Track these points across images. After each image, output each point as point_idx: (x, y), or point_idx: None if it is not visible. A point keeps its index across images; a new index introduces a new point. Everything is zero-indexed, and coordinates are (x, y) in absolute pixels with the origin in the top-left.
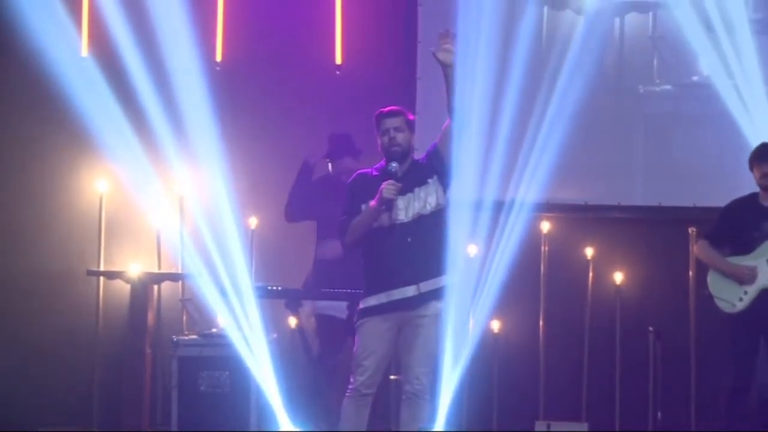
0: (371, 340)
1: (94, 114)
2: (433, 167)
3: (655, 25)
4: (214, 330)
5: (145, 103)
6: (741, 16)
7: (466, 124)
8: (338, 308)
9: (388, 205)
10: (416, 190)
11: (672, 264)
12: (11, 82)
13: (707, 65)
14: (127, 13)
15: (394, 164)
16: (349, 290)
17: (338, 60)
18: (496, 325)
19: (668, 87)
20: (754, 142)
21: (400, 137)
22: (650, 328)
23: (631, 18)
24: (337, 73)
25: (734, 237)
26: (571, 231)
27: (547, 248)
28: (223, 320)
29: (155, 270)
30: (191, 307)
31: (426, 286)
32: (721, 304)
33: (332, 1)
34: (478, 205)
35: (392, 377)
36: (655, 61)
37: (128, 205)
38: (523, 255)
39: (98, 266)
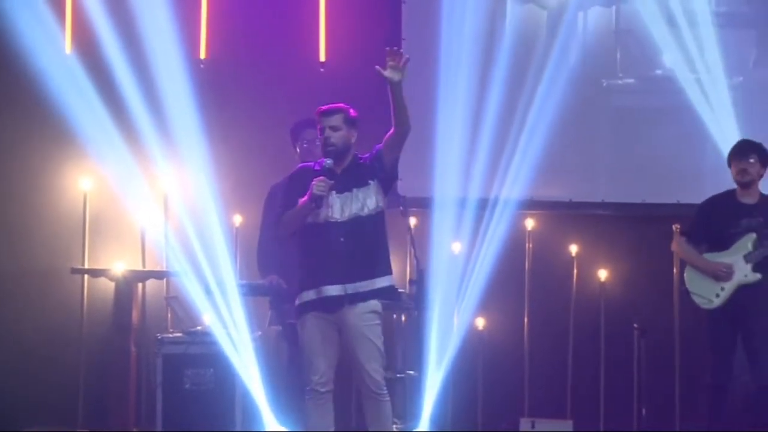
0: (313, 338)
1: (78, 111)
2: (375, 171)
3: (619, 18)
4: (198, 328)
5: (129, 100)
6: (704, 9)
7: (407, 133)
8: None
9: (318, 201)
10: (354, 190)
11: (656, 261)
12: None
13: (670, 59)
14: (111, 9)
15: (329, 161)
16: None
17: (322, 57)
18: (480, 323)
19: (631, 80)
20: (717, 136)
21: (336, 136)
22: (635, 325)
23: (595, 12)
24: (321, 70)
25: (711, 233)
26: (555, 228)
27: (531, 245)
28: (207, 318)
29: (139, 268)
30: (176, 305)
31: (354, 287)
32: (698, 300)
33: (316, 1)
34: (462, 203)
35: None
36: (619, 55)
37: (112, 203)
38: (507, 252)
39: (82, 264)
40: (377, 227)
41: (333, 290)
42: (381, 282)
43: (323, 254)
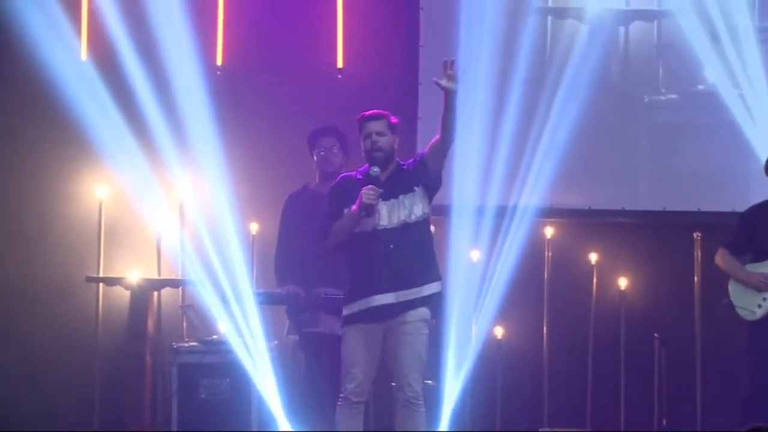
0: (356, 347)
1: (94, 119)
2: (419, 177)
3: (660, 33)
4: (214, 337)
5: (145, 107)
6: (747, 24)
7: (453, 140)
8: (328, 324)
9: (369, 210)
10: (401, 197)
11: (677, 269)
12: (10, 86)
13: (713, 74)
14: (127, 16)
15: (375, 169)
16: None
17: (340, 64)
18: (499, 332)
19: (674, 96)
20: (760, 151)
21: (382, 141)
22: (655, 335)
23: (636, 26)
24: (339, 77)
25: (754, 243)
26: (574, 236)
27: (550, 254)
28: (223, 327)
29: (155, 276)
30: (191, 314)
31: (406, 294)
32: (742, 313)
33: (333, 5)
34: (480, 210)
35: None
36: (661, 70)
37: (128, 210)
38: (526, 260)
39: (98, 272)
40: (424, 233)
41: (385, 298)
42: (430, 288)
43: (373, 262)
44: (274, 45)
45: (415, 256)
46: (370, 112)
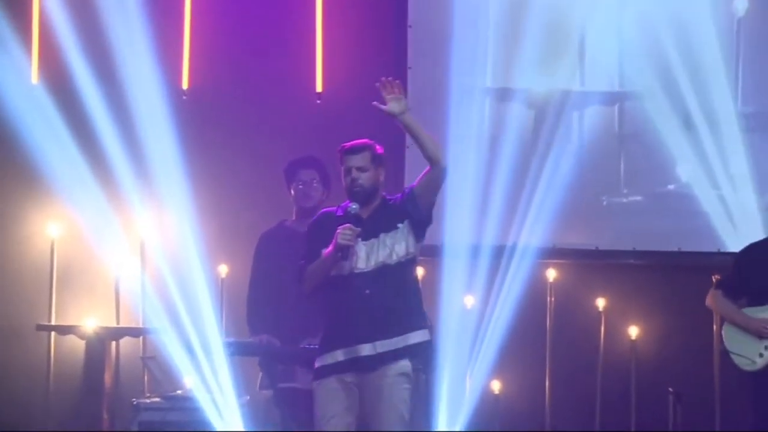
0: (329, 403)
1: (45, 148)
2: (406, 212)
3: (623, 120)
4: (179, 392)
5: (103, 135)
6: (728, 110)
7: (444, 170)
8: (306, 379)
9: (345, 252)
10: (382, 235)
11: (693, 317)
12: None
13: (686, 171)
14: (82, 34)
15: (354, 206)
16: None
17: (319, 87)
18: (496, 386)
19: (638, 198)
20: None
21: (364, 178)
22: (670, 389)
23: (593, 112)
24: (318, 102)
25: (752, 285)
26: (580, 279)
27: (553, 299)
28: (189, 381)
29: (113, 324)
30: (154, 367)
31: (385, 345)
32: (739, 361)
33: (312, 24)
34: (475, 251)
35: None
36: (622, 166)
37: (83, 250)
38: (526, 306)
39: (49, 320)
40: (408, 275)
41: (362, 350)
42: (414, 337)
43: (349, 310)
44: (247, 66)
45: (396, 301)
46: (351, 143)
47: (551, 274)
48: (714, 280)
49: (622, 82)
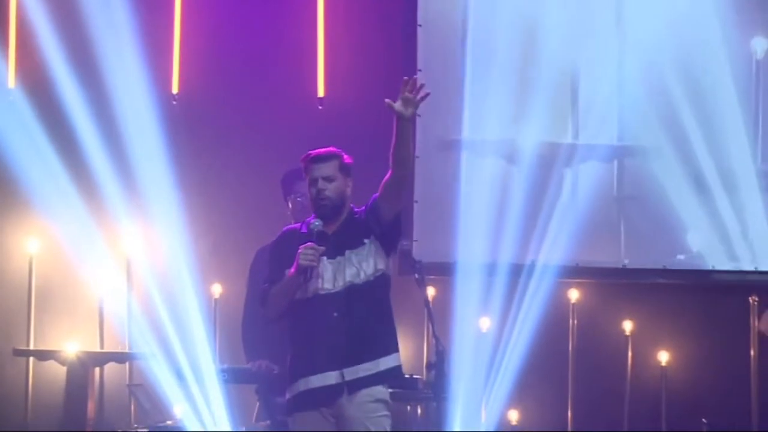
0: None
1: (23, 156)
2: (370, 227)
3: (622, 179)
4: (168, 422)
5: (86, 143)
6: (747, 168)
7: (407, 177)
8: None
9: (306, 273)
10: (347, 253)
11: (729, 342)
12: None
13: (696, 242)
14: (63, 34)
15: (316, 222)
16: None
17: (321, 92)
18: (514, 416)
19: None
20: None
21: (331, 189)
22: (703, 420)
23: (589, 169)
24: (320, 107)
25: None
26: (605, 300)
27: (576, 322)
28: (180, 411)
29: (97, 349)
30: (141, 395)
31: (354, 372)
32: None
33: (313, 24)
34: (491, 269)
35: None
36: (622, 237)
37: (64, 268)
38: (546, 330)
39: (27, 344)
40: (378, 295)
41: (328, 378)
42: (386, 362)
43: (314, 335)
44: (242, 69)
45: (367, 324)
46: (317, 152)
47: (574, 294)
48: (751, 300)
49: (621, 135)
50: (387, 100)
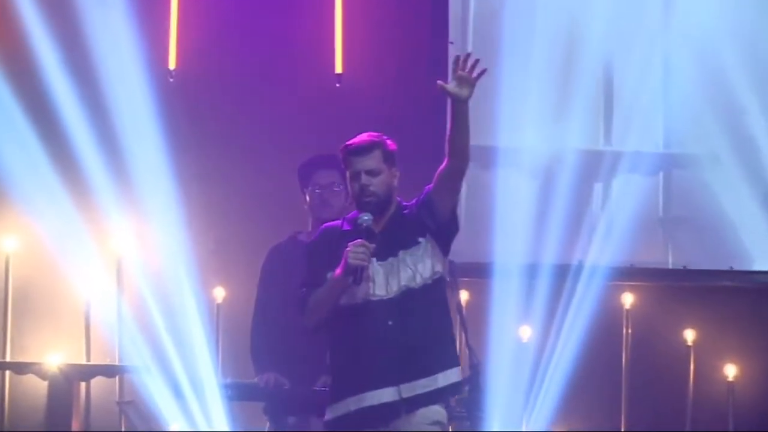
0: None
1: (1, 144)
2: (425, 223)
3: (669, 199)
4: None
5: (72, 128)
6: None
7: (465, 165)
8: None
9: (357, 275)
10: (401, 253)
11: None
12: None
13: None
14: (45, 5)
15: (365, 216)
16: None
17: (338, 68)
18: None
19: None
20: None
21: (376, 183)
22: None
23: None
24: (337, 85)
25: None
26: (663, 306)
27: (630, 330)
28: (177, 429)
29: (82, 361)
30: (132, 413)
31: (412, 388)
32: None
33: None
34: (532, 271)
35: None
36: (670, 256)
37: (45, 270)
38: (596, 339)
39: (3, 356)
40: (436, 301)
41: (384, 395)
42: (446, 378)
43: (366, 346)
44: (249, 42)
45: (424, 333)
46: (356, 142)
47: (628, 299)
48: None
49: (668, 142)
50: (439, 81)
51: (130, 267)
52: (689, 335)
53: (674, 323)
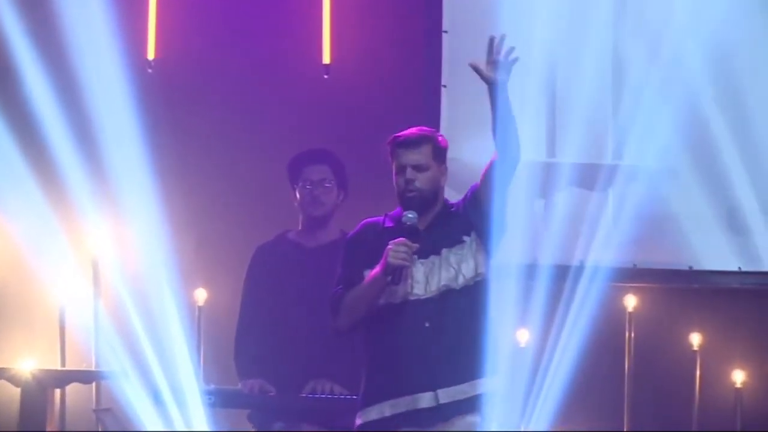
0: None
1: None
2: (470, 221)
3: None
4: None
5: (45, 121)
6: None
7: (516, 159)
8: None
9: (397, 274)
10: (444, 252)
11: None
12: None
13: None
14: None
15: (410, 214)
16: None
17: (326, 59)
18: None
19: None
20: None
21: (422, 179)
22: None
23: None
24: (325, 77)
25: None
26: (668, 308)
27: (633, 334)
28: None
29: (57, 366)
30: (110, 421)
31: (449, 394)
32: None
33: None
34: (531, 272)
35: None
36: None
37: (17, 271)
38: (597, 342)
39: None
40: (477, 304)
41: (421, 401)
42: (486, 384)
43: (402, 348)
44: (233, 31)
45: (464, 337)
46: (407, 134)
47: (631, 301)
48: None
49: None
50: (471, 62)
51: (107, 267)
52: (695, 339)
53: (680, 327)
